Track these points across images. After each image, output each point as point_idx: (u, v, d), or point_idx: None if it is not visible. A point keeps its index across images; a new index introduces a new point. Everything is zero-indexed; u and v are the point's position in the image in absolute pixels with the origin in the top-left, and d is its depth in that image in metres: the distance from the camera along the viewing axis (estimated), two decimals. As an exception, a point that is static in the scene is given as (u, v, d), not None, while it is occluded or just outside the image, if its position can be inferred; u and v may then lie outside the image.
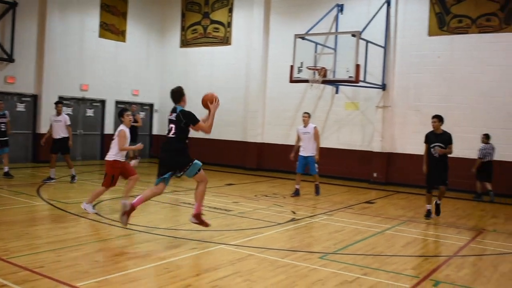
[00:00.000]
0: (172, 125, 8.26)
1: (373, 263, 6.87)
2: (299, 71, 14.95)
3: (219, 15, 20.56)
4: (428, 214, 10.52)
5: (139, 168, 17.81)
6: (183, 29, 21.68)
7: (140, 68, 21.55)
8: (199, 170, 7.84)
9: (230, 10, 20.24)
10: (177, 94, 8.80)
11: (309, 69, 14.76)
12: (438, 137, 10.38)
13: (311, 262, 6.77)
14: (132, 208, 7.56)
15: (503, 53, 14.68)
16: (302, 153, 12.90)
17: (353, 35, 13.82)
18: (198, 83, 20.99)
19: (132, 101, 21.19)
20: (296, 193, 12.83)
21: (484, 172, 13.64)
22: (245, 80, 19.64)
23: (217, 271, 6.19)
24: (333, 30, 17.24)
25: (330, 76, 14.72)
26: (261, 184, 14.99)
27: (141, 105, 21.77)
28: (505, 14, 14.67)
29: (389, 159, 16.32)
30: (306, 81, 14.86)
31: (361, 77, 14.26)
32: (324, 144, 17.64)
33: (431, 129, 10.56)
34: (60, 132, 13.45)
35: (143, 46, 21.65)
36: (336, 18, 17.27)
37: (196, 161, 7.92)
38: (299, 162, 12.93)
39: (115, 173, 9.62)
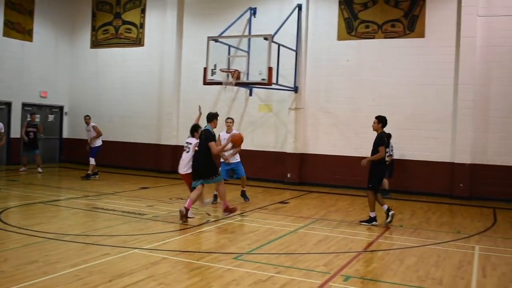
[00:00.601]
0: (198, 141, 10.20)
1: (286, 262, 7.04)
2: (213, 73, 14.97)
3: (131, 15, 20.20)
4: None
5: (48, 174, 17.20)
6: (94, 29, 21.11)
7: (49, 69, 20.73)
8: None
9: (143, 11, 19.95)
10: (210, 116, 10.48)
11: (223, 71, 14.83)
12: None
13: (225, 263, 6.83)
14: (187, 210, 9.45)
15: (406, 57, 15.49)
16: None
17: (266, 38, 14.05)
18: (110, 84, 20.56)
19: (40, 103, 20.36)
20: (215, 199, 12.38)
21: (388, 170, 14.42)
22: (158, 82, 19.42)
23: (131, 276, 6.11)
24: (246, 33, 17.45)
25: (243, 79, 14.87)
26: (176, 187, 14.87)
27: (50, 107, 20.96)
28: (408, 20, 15.48)
29: (302, 159, 16.73)
30: (219, 83, 14.90)
31: (274, 80, 14.52)
32: (239, 145, 17.82)
33: (341, 130, 11.06)
34: None
35: (51, 46, 20.84)
36: (249, 21, 17.50)
37: (219, 175, 10.11)
38: (222, 169, 12.14)
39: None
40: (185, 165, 10.28)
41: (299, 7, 16.61)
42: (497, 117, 14.55)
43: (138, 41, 20.06)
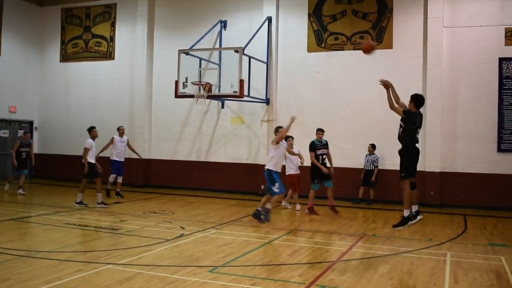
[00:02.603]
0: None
1: (261, 273, 7.06)
2: (184, 86, 14.99)
3: (101, 29, 20.09)
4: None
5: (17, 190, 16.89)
6: (63, 43, 20.91)
7: (18, 83, 20.42)
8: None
9: (113, 24, 19.86)
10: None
11: (194, 84, 14.86)
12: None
13: (201, 276, 6.81)
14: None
15: (375, 68, 15.69)
16: None
17: (236, 51, 14.13)
18: (80, 98, 20.37)
19: (9, 118, 20.02)
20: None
21: (367, 179, 14.74)
22: (129, 95, 19.31)
23: (105, 292, 6.05)
24: (217, 46, 17.52)
25: (215, 91, 14.93)
26: (149, 201, 14.77)
27: (20, 122, 20.63)
28: (376, 32, 15.76)
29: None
30: (191, 96, 14.91)
31: (246, 92, 14.60)
32: (212, 158, 17.83)
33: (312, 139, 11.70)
34: None
35: (20, 60, 20.56)
36: (220, 34, 17.57)
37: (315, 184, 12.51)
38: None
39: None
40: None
41: (269, 19, 16.76)
42: (465, 126, 14.87)
43: (109, 55, 19.94)
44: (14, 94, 20.22)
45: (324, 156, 12.74)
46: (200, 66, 15.73)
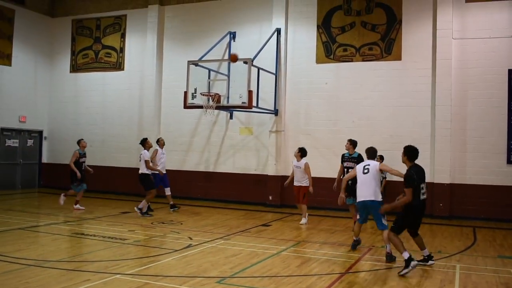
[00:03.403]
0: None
1: (269, 285, 7.03)
2: (193, 97, 15.05)
3: (111, 40, 20.25)
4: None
5: (28, 200, 16.98)
6: (74, 53, 21.10)
7: (28, 93, 20.60)
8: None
9: (123, 36, 20.01)
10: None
11: (203, 95, 14.92)
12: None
13: (208, 287, 6.80)
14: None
15: (384, 79, 15.73)
16: None
17: (245, 62, 14.17)
18: (90, 108, 20.50)
19: (19, 128, 20.17)
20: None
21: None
22: (138, 106, 19.41)
23: (113, 302, 6.05)
24: (226, 57, 17.59)
25: (224, 102, 14.96)
26: (157, 211, 14.78)
27: (30, 132, 20.78)
28: (385, 44, 15.78)
29: (283, 182, 16.72)
30: (200, 107, 14.97)
31: (254, 103, 14.62)
32: (221, 169, 17.85)
33: (322, 152, 11.25)
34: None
35: (30, 70, 20.75)
36: (229, 45, 17.65)
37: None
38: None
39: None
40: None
41: (278, 31, 16.83)
42: (474, 137, 14.80)
43: (118, 66, 20.08)
44: (24, 104, 20.39)
45: (350, 170, 11.36)
46: (209, 77, 15.78)
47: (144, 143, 14.17)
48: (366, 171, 9.24)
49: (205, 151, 18.25)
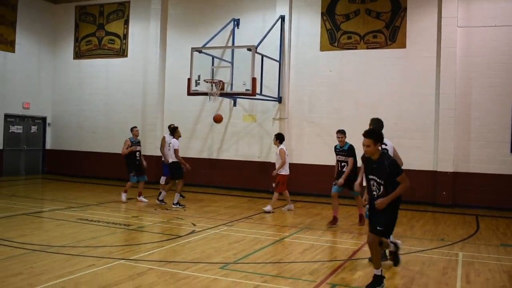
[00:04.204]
0: None
1: (272, 271, 7.07)
2: (197, 84, 15.01)
3: (114, 26, 20.19)
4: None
5: (32, 186, 17.06)
6: (77, 40, 21.05)
7: (31, 80, 20.59)
8: None
9: (126, 22, 19.95)
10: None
11: (207, 82, 14.89)
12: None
13: (212, 272, 6.84)
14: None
15: (388, 67, 15.67)
16: None
17: (249, 49, 14.12)
18: (93, 95, 20.50)
19: (23, 114, 20.19)
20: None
21: None
22: (142, 93, 19.40)
23: (117, 286, 6.09)
24: (230, 44, 17.54)
25: (227, 89, 14.93)
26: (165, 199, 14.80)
27: (33, 118, 20.80)
28: (390, 31, 15.70)
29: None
30: (204, 93, 14.95)
31: (258, 90, 14.59)
32: (224, 156, 17.87)
33: (325, 139, 11.09)
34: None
35: (34, 57, 20.72)
36: (233, 32, 17.59)
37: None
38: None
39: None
40: None
41: (282, 18, 16.75)
42: (478, 126, 14.76)
43: (122, 52, 20.04)
44: (27, 90, 20.39)
45: (343, 164, 11.22)
46: (212, 64, 15.74)
47: (174, 132, 13.64)
48: None
49: (208, 138, 18.26)
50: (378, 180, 6.44)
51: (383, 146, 7.68)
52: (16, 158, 19.99)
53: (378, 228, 6.34)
